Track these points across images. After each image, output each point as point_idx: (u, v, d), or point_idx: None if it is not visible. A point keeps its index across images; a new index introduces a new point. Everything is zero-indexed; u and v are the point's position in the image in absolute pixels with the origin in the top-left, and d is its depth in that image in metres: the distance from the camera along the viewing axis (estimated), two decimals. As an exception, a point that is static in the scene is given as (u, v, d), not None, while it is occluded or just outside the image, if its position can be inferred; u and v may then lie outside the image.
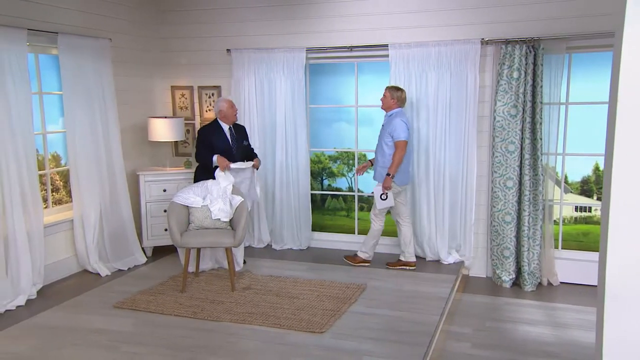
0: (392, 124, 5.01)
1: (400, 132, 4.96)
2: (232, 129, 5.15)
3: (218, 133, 5.06)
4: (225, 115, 5.07)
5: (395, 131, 4.97)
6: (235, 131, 5.17)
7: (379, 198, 5.04)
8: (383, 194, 5.03)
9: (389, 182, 5.00)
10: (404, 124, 4.99)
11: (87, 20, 5.23)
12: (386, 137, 5.05)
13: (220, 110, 5.08)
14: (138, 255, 5.54)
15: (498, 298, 4.85)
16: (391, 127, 5.00)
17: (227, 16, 5.92)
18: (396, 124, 4.97)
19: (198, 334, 3.88)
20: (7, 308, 4.31)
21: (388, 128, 5.05)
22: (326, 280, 4.93)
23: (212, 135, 5.04)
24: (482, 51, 5.12)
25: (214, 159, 4.94)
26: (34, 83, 4.80)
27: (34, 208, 4.57)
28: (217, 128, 5.09)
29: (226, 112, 5.06)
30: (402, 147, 4.96)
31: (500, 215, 5.13)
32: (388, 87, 5.15)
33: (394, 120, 5.02)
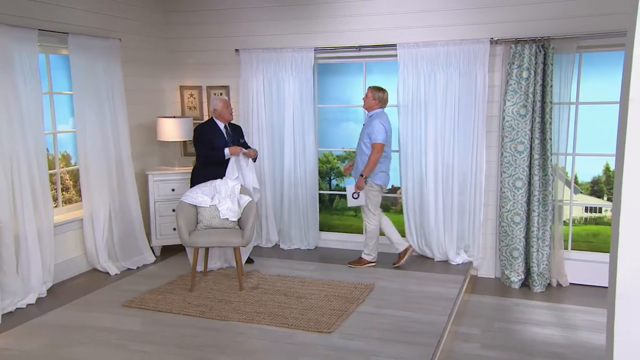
0: (371, 125, 5.05)
1: (377, 135, 5.00)
2: (227, 127, 5.17)
3: (214, 131, 5.09)
4: (220, 114, 5.11)
5: (372, 133, 5.02)
6: (230, 129, 5.19)
7: (351, 197, 5.11)
8: (355, 193, 5.09)
9: (362, 183, 5.06)
10: (382, 127, 5.01)
11: (97, 21, 5.27)
12: (365, 137, 5.09)
13: (215, 109, 5.12)
14: (147, 255, 5.57)
15: (507, 299, 4.83)
16: (370, 128, 5.05)
17: (236, 16, 5.94)
18: (375, 125, 5.01)
19: (206, 333, 3.90)
20: (18, 306, 4.35)
21: (367, 129, 5.08)
22: (334, 280, 4.93)
23: (209, 133, 5.07)
24: (492, 51, 5.10)
25: (226, 152, 4.96)
26: (44, 83, 4.84)
27: (45, 207, 4.60)
28: (213, 126, 5.12)
29: (221, 111, 5.10)
30: (378, 150, 5.00)
31: (509, 215, 5.10)
32: (370, 87, 5.19)
33: (373, 121, 5.06)
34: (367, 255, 5.33)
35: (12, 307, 4.29)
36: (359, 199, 5.13)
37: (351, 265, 5.31)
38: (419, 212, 5.54)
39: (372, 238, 5.28)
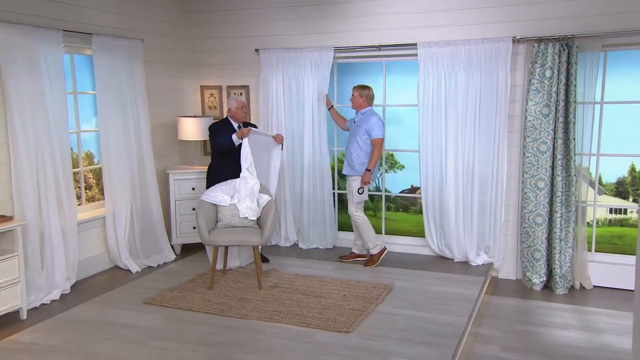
0: (368, 122, 5.13)
1: (377, 130, 5.10)
2: (240, 126, 5.21)
3: (227, 130, 5.14)
4: (233, 114, 5.18)
5: (372, 129, 5.10)
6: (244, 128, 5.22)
7: (357, 192, 5.17)
8: (360, 188, 5.16)
9: (369, 177, 5.14)
10: (380, 122, 5.15)
11: (120, 21, 5.34)
12: (362, 134, 5.14)
13: (230, 108, 5.22)
14: (167, 253, 5.63)
15: (528, 301, 4.76)
16: (368, 125, 5.12)
17: (256, 16, 5.97)
18: (373, 122, 5.11)
19: (225, 330, 3.92)
20: (43, 302, 4.43)
21: (364, 125, 5.14)
22: (352, 280, 4.92)
23: (221, 131, 5.13)
24: (514, 49, 5.03)
25: (234, 137, 5.00)
26: (69, 83, 4.92)
27: (68, 205, 4.68)
28: (227, 125, 5.18)
29: (234, 112, 5.17)
30: (380, 145, 5.12)
31: (531, 216, 5.03)
32: (355, 86, 5.26)
33: (370, 118, 5.13)
34: (375, 248, 5.32)
35: (37, 303, 4.38)
36: (364, 194, 5.22)
37: (368, 265, 5.28)
38: (438, 213, 5.50)
39: (368, 230, 5.28)
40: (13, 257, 4.02)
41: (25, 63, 4.30)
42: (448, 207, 5.40)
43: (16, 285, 4.06)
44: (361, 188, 5.16)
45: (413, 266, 5.34)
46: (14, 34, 4.21)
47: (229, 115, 5.21)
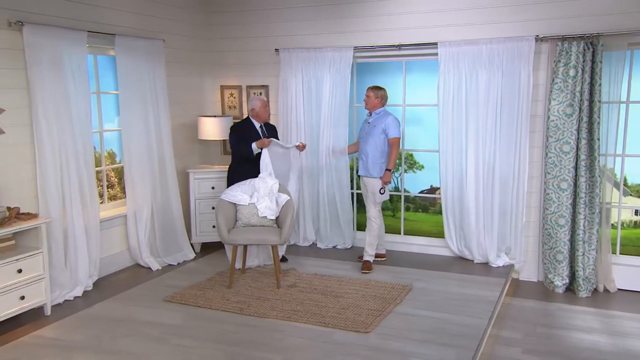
0: (385, 121, 5.11)
1: (395, 130, 5.09)
2: (262, 127, 5.22)
3: (250, 130, 5.15)
4: (257, 114, 5.16)
5: (389, 129, 5.09)
6: (266, 129, 5.24)
7: (378, 192, 5.15)
8: (382, 189, 5.13)
9: (389, 177, 5.12)
10: (397, 122, 5.15)
11: (142, 22, 5.41)
12: (379, 133, 5.12)
13: (253, 108, 5.18)
14: (187, 251, 5.68)
15: (550, 303, 4.69)
16: (385, 124, 5.11)
17: (276, 16, 5.98)
18: (390, 122, 5.10)
19: (244, 329, 3.94)
20: (66, 298, 4.51)
21: (380, 125, 5.12)
22: (371, 280, 4.90)
23: (244, 132, 5.13)
24: (536, 48, 4.96)
25: (254, 146, 5.01)
26: (92, 83, 4.99)
27: (91, 203, 4.76)
28: (249, 125, 5.18)
29: (258, 111, 5.15)
30: (397, 144, 5.13)
31: (553, 217, 4.95)
32: (370, 87, 5.23)
33: (386, 118, 5.12)
34: (370, 257, 5.24)
35: (60, 299, 4.46)
36: (385, 194, 5.18)
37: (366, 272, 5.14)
38: (458, 213, 5.45)
39: (375, 236, 5.22)
40: (38, 254, 4.11)
41: (51, 63, 4.38)
42: (468, 208, 5.35)
43: (41, 282, 4.14)
44: (382, 188, 5.14)
45: (432, 267, 5.30)
46: (41, 35, 4.29)
47: (252, 115, 5.20)
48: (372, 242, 5.23)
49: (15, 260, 3.94)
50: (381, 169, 5.13)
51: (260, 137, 5.14)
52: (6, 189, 4.15)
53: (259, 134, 5.16)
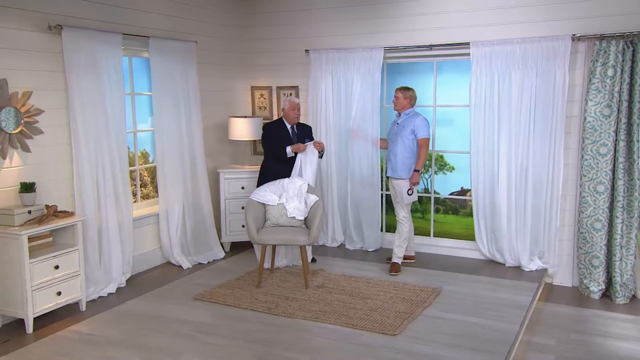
0: (414, 122, 5.07)
1: (424, 130, 5.05)
2: (294, 127, 5.26)
3: (281, 130, 5.21)
4: (286, 114, 5.22)
5: (419, 129, 5.04)
6: (297, 130, 5.27)
7: (406, 193, 5.10)
8: (409, 190, 5.08)
9: (418, 178, 5.09)
10: (426, 122, 5.11)
11: (175, 24, 5.51)
12: (408, 134, 5.07)
13: (283, 109, 5.25)
14: (217, 250, 5.75)
15: (585, 309, 4.56)
16: (414, 125, 5.06)
17: (307, 17, 6.00)
18: (419, 122, 5.05)
19: (272, 329, 3.97)
20: (100, 295, 4.63)
21: (409, 126, 5.08)
22: (400, 282, 4.87)
23: (276, 131, 5.20)
24: (573, 48, 4.84)
25: (288, 150, 5.07)
26: (127, 84, 5.11)
27: (125, 202, 4.87)
28: (281, 125, 5.24)
29: (287, 112, 5.21)
30: (426, 145, 5.07)
31: (589, 221, 4.82)
32: (398, 88, 5.19)
33: (415, 119, 5.08)
34: (399, 259, 5.20)
35: (95, 296, 4.57)
36: (412, 195, 5.14)
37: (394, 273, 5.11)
38: (490, 216, 5.36)
39: (404, 238, 5.18)
40: (74, 251, 4.23)
41: (88, 65, 4.51)
42: (500, 210, 5.25)
43: (76, 278, 4.26)
44: (410, 189, 5.10)
45: (462, 270, 5.22)
46: (79, 37, 4.42)
47: (283, 115, 5.26)
48: (400, 244, 5.19)
49: (52, 256, 4.07)
50: (410, 170, 5.09)
51: (290, 137, 5.18)
52: (45, 187, 4.29)
53: (289, 134, 5.20)
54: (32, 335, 3.89)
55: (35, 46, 4.22)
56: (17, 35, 4.09)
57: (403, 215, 5.18)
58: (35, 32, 4.21)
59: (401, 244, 5.18)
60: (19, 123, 4.08)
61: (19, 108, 4.08)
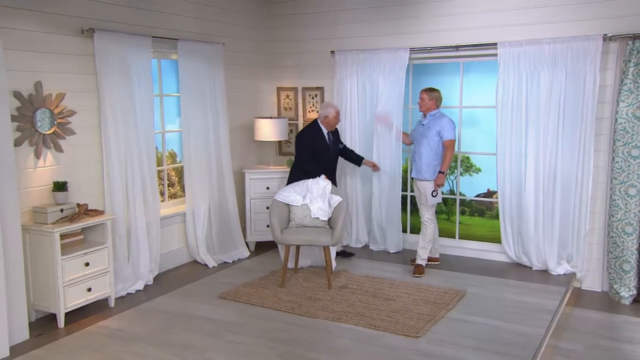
0: (440, 123, 5.03)
1: (450, 132, 5.02)
2: (329, 133, 5.32)
3: (318, 135, 5.25)
4: (329, 122, 5.25)
5: (444, 131, 5.01)
6: (332, 135, 5.35)
7: (430, 195, 5.07)
8: (434, 191, 5.05)
9: (443, 180, 5.05)
10: (452, 124, 5.07)
11: (203, 27, 5.60)
12: (433, 135, 5.04)
13: (327, 116, 5.24)
14: (242, 249, 5.82)
15: (615, 315, 4.46)
16: (440, 126, 5.03)
17: (332, 19, 6.02)
18: (445, 123, 5.02)
19: (295, 328, 4.00)
20: (128, 292, 4.74)
21: (435, 127, 5.05)
22: (423, 284, 4.84)
23: (315, 137, 5.24)
24: (604, 48, 4.73)
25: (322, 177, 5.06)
26: (155, 86, 5.22)
27: (153, 201, 4.97)
28: (318, 130, 5.28)
29: (331, 120, 5.24)
30: (452, 146, 5.04)
31: (619, 225, 4.71)
32: (423, 89, 5.17)
33: (441, 120, 5.04)
34: (423, 260, 5.17)
35: (123, 292, 4.69)
36: (437, 197, 5.11)
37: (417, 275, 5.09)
38: (516, 218, 5.28)
39: (428, 240, 5.14)
40: (103, 248, 4.34)
41: (118, 68, 4.62)
42: (527, 213, 5.17)
43: (106, 275, 4.38)
44: (435, 191, 5.07)
45: (488, 273, 5.16)
46: (110, 40, 4.54)
47: (322, 121, 5.25)
48: (424, 246, 5.16)
49: (83, 254, 4.19)
50: (435, 171, 5.06)
51: (327, 142, 5.26)
52: (76, 186, 4.42)
53: (326, 140, 5.28)
54: (63, 330, 4.02)
55: (69, 49, 4.35)
56: (51, 39, 4.22)
57: (427, 217, 5.15)
58: (68, 36, 4.34)
59: (425, 246, 5.16)
60: (52, 124, 4.21)
61: (53, 109, 4.22)
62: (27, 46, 4.07)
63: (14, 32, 3.96)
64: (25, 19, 4.04)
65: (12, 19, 3.94)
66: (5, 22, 3.85)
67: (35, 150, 4.13)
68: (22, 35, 4.02)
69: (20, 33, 4.01)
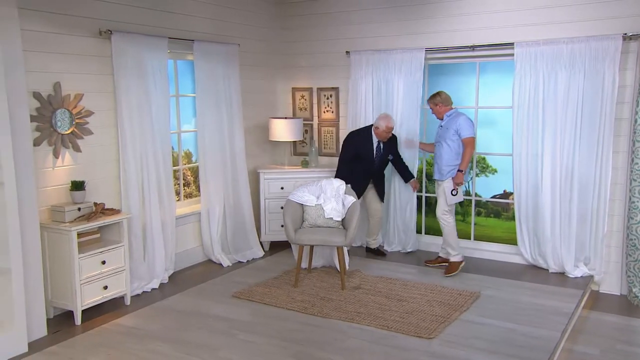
0: (457, 122, 5.00)
1: (468, 130, 4.99)
2: (380, 143, 5.40)
3: (366, 142, 5.37)
4: (378, 133, 5.35)
5: (462, 129, 4.97)
6: (384, 145, 5.42)
7: (450, 194, 5.05)
8: (454, 190, 5.03)
9: (462, 178, 5.01)
10: (469, 121, 5.04)
11: (219, 28, 5.64)
12: (451, 135, 5.01)
13: (377, 127, 5.33)
14: (256, 249, 5.85)
15: (634, 319, 4.38)
16: (457, 125, 4.99)
17: (347, 19, 6.02)
18: (462, 121, 4.98)
19: (307, 328, 4.01)
20: (144, 290, 4.80)
21: (452, 126, 5.01)
22: (437, 285, 4.81)
23: (359, 142, 5.37)
24: (624, 47, 4.65)
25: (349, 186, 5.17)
26: (171, 86, 5.27)
27: (168, 201, 5.02)
28: (368, 137, 5.39)
29: (380, 133, 5.33)
30: (471, 144, 5.01)
31: (639, 228, 4.62)
32: (428, 99, 5.22)
33: (458, 118, 5.01)
34: (456, 256, 5.14)
35: (139, 291, 4.75)
36: (458, 195, 5.08)
37: (448, 274, 5.09)
38: (532, 220, 5.22)
39: (451, 234, 5.13)
40: (120, 247, 4.40)
41: (135, 69, 4.68)
42: (544, 215, 5.11)
43: (122, 273, 4.44)
44: (454, 189, 5.04)
45: (503, 274, 5.11)
46: (127, 42, 4.60)
47: (375, 131, 5.35)
48: (450, 242, 5.12)
49: (100, 252, 4.26)
50: (455, 171, 5.02)
51: (373, 152, 5.38)
52: (93, 186, 4.49)
53: (373, 149, 5.39)
54: (80, 327, 4.09)
55: (87, 51, 4.42)
56: (70, 40, 4.30)
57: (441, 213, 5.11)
58: (86, 37, 4.41)
59: (450, 242, 5.12)
60: (71, 124, 4.29)
61: (71, 110, 4.29)
62: (46, 48, 4.14)
63: (33, 34, 4.04)
64: (44, 21, 4.12)
65: (31, 21, 4.02)
66: (24, 24, 3.92)
67: (54, 150, 4.20)
68: (41, 37, 4.10)
69: (39, 35, 4.09)
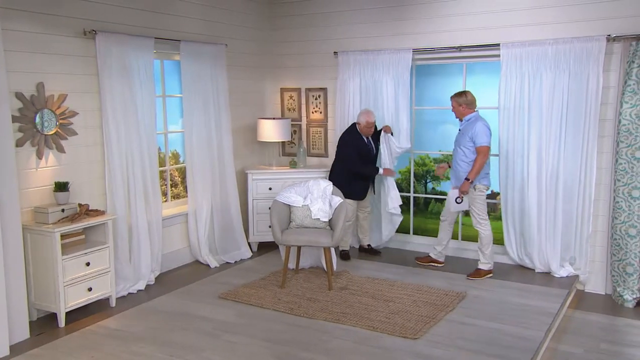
0: (473, 128, 4.89)
1: (482, 137, 4.86)
2: (369, 138, 5.48)
3: (359, 139, 5.42)
4: (360, 129, 5.40)
5: (477, 136, 4.86)
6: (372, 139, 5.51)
7: (454, 201, 5.01)
8: (459, 198, 4.99)
9: (467, 187, 4.92)
10: (486, 129, 4.89)
11: (206, 28, 5.62)
12: (467, 141, 4.92)
13: (359, 123, 5.40)
14: (244, 250, 5.83)
15: (618, 318, 4.41)
16: (472, 131, 4.88)
17: (335, 20, 6.02)
18: (478, 128, 4.86)
19: (293, 329, 4.00)
20: (130, 291, 4.77)
21: (468, 132, 4.91)
22: (423, 286, 4.82)
23: (356, 140, 5.39)
24: (608, 49, 4.69)
25: (381, 171, 5.39)
26: (158, 87, 5.24)
27: (154, 201, 5.00)
28: (358, 136, 5.43)
29: (362, 128, 5.39)
30: (485, 153, 4.88)
31: (623, 227, 4.66)
32: (452, 96, 5.07)
33: (475, 124, 4.89)
34: (485, 264, 5.07)
35: (124, 292, 4.72)
36: (462, 204, 5.02)
37: (471, 278, 5.03)
38: (519, 220, 5.25)
39: (488, 245, 5.04)
40: (104, 248, 4.37)
41: (120, 69, 4.65)
42: (529, 215, 5.13)
43: (107, 275, 4.41)
44: (459, 197, 4.99)
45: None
46: (112, 42, 4.57)
47: (358, 127, 5.42)
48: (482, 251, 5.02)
49: (84, 254, 4.23)
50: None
51: (368, 147, 5.44)
52: (78, 187, 4.46)
53: (366, 142, 5.44)
54: (63, 329, 4.05)
55: (71, 51, 4.39)
56: (53, 40, 4.26)
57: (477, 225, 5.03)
58: (70, 37, 4.38)
59: (485, 252, 5.02)
60: (54, 125, 4.25)
61: (55, 110, 4.26)
62: (29, 48, 4.10)
63: (15, 34, 4.00)
64: (27, 21, 4.08)
65: (14, 20, 3.98)
66: (7, 24, 3.89)
67: (37, 151, 4.17)
68: (24, 37, 4.06)
69: (22, 34, 4.05)
